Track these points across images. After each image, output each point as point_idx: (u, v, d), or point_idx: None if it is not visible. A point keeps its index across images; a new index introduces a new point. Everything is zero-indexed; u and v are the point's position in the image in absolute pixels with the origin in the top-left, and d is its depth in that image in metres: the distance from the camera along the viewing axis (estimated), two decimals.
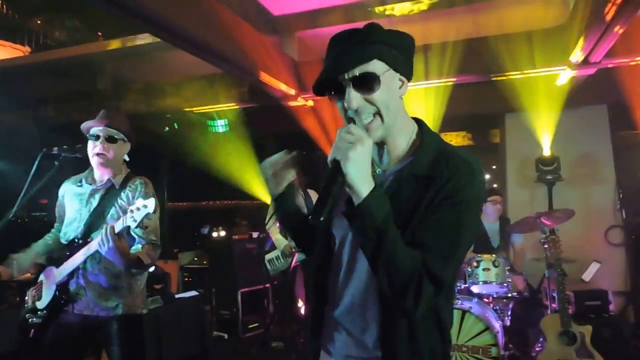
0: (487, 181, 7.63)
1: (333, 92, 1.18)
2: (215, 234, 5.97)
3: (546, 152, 5.24)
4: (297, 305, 5.19)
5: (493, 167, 7.30)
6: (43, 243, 2.42)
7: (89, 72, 6.56)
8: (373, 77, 1.12)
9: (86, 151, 2.29)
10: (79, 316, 2.21)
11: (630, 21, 3.36)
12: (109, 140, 2.27)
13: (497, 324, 3.44)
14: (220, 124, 6.56)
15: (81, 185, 2.36)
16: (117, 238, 2.00)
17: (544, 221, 3.79)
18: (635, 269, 5.28)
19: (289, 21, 5.36)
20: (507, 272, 3.82)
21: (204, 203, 8.85)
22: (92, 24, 7.49)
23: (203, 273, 5.78)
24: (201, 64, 4.46)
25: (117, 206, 2.26)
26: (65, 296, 2.21)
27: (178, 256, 6.01)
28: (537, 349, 3.58)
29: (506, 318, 3.81)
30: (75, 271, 2.21)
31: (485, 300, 3.77)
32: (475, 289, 3.81)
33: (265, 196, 6.47)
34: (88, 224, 2.23)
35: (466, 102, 5.60)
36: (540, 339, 3.61)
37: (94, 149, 2.25)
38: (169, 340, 3.88)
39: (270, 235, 4.73)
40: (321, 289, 1.30)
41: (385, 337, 1.16)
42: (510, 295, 3.80)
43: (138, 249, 2.21)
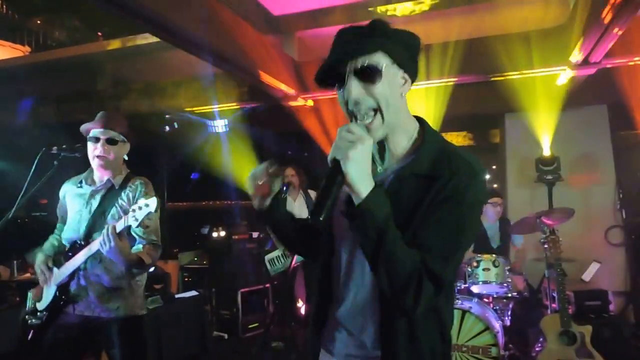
0: (487, 181, 7.63)
1: (335, 83, 1.17)
2: (215, 234, 5.96)
3: (546, 152, 5.24)
4: (297, 305, 5.19)
5: (493, 167, 7.29)
6: (49, 245, 2.41)
7: (89, 72, 6.55)
8: (375, 69, 1.12)
9: (85, 151, 2.29)
10: (80, 317, 2.21)
11: (628, 22, 3.36)
12: (109, 142, 2.27)
13: (497, 324, 3.44)
14: (220, 124, 6.54)
15: (81, 186, 2.35)
16: (118, 238, 2.00)
17: (544, 220, 3.78)
18: (635, 269, 5.28)
19: (289, 21, 5.36)
20: (507, 272, 3.81)
21: (204, 203, 8.84)
22: (92, 24, 7.51)
23: (203, 273, 5.77)
24: (201, 64, 4.46)
25: (118, 206, 2.25)
26: (65, 297, 2.21)
27: (178, 256, 5.99)
28: (537, 349, 3.57)
29: (506, 318, 3.80)
30: (76, 272, 2.21)
31: (485, 300, 3.77)
32: (475, 289, 3.80)
33: None
34: (89, 225, 2.23)
35: (466, 102, 5.60)
36: (540, 339, 3.60)
37: (95, 152, 2.25)
38: (169, 340, 3.88)
39: (270, 235, 4.73)
40: (324, 289, 1.30)
41: (385, 337, 1.16)
42: (510, 295, 3.79)
43: (139, 249, 2.21)
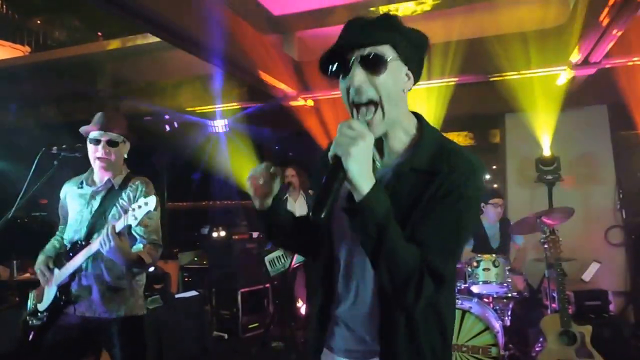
0: (488, 181, 7.63)
1: (339, 73, 1.16)
2: (215, 234, 5.97)
3: (546, 152, 5.24)
4: (297, 305, 5.20)
5: (493, 167, 7.29)
6: (51, 246, 2.41)
7: (89, 72, 6.54)
8: (381, 60, 1.12)
9: (85, 151, 2.29)
10: (80, 318, 2.21)
11: (628, 23, 3.36)
12: (110, 144, 2.26)
13: (497, 324, 3.43)
14: (220, 124, 6.54)
15: (82, 187, 2.35)
16: (118, 237, 2.00)
17: (544, 220, 3.78)
18: (635, 269, 5.27)
19: (289, 21, 5.35)
20: (507, 272, 3.81)
21: (204, 203, 8.84)
22: (92, 24, 7.50)
23: (203, 273, 5.77)
24: (201, 64, 4.46)
25: (119, 206, 2.25)
26: (66, 297, 2.21)
27: (178, 256, 5.99)
28: (537, 349, 3.57)
29: (506, 318, 3.80)
30: (76, 272, 2.21)
31: (485, 300, 3.77)
32: (475, 289, 3.80)
33: None
34: (90, 226, 2.23)
35: (467, 102, 5.59)
36: (540, 339, 3.60)
37: (95, 153, 2.25)
38: (169, 340, 3.87)
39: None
40: (327, 287, 1.29)
41: (385, 335, 1.16)
42: (510, 295, 3.79)
43: (139, 249, 2.21)
